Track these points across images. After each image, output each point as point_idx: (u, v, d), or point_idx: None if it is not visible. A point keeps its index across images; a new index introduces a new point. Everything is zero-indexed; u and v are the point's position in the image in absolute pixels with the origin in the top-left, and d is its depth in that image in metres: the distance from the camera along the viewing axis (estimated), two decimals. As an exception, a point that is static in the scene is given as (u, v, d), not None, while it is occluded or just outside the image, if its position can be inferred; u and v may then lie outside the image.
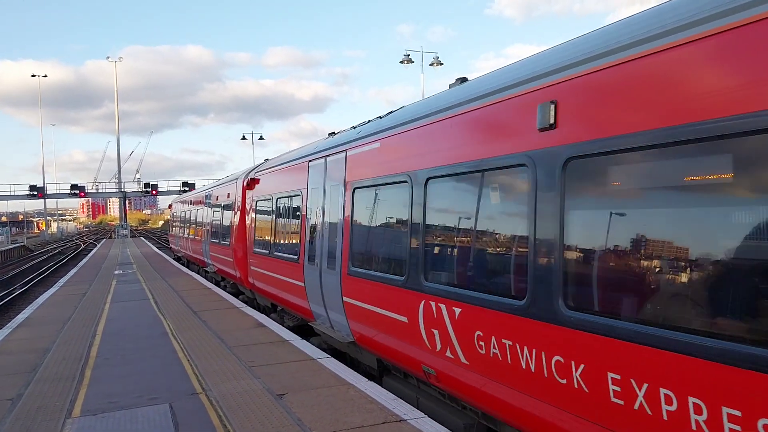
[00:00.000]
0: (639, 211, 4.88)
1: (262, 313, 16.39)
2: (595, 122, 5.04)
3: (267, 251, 15.64)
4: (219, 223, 22.92)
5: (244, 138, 78.91)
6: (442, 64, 44.37)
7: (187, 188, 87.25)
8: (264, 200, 16.51)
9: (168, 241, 60.93)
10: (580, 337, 4.98)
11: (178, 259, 37.99)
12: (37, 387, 9.06)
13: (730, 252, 4.07)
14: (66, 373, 9.76)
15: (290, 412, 7.47)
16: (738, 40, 3.89)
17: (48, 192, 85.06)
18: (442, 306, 7.17)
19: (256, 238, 17.05)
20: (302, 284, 12.59)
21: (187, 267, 32.04)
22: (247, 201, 18.51)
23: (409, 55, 42.54)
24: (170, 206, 49.73)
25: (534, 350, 5.63)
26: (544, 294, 5.46)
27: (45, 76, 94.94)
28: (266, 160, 19.56)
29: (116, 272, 28.80)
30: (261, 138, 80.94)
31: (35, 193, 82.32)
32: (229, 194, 21.14)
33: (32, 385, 9.18)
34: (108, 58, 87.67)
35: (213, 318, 14.56)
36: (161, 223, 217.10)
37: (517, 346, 5.88)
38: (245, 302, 18.05)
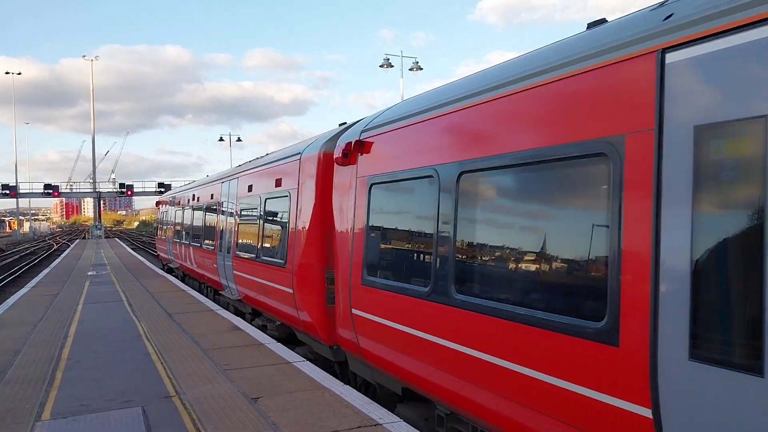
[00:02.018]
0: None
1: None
2: None
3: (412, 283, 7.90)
4: (255, 227, 14.53)
5: (221, 139, 78.57)
6: (421, 69, 44.55)
7: (163, 189, 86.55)
8: (388, 183, 8.41)
9: (150, 245, 59.88)
10: None
11: (169, 270, 30.57)
12: (6, 389, 8.88)
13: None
14: (36, 376, 9.59)
15: (265, 416, 7.42)
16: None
17: (21, 191, 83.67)
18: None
19: (380, 249, 8.63)
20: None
21: (183, 281, 25.69)
22: (341, 186, 9.79)
23: (389, 59, 42.68)
24: (158, 204, 38.45)
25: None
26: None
27: (19, 74, 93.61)
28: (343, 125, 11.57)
29: (90, 273, 28.43)
30: (239, 140, 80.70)
31: (7, 192, 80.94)
32: (280, 181, 12.87)
33: (1, 387, 9.00)
34: (84, 56, 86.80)
35: (188, 321, 14.42)
36: (136, 224, 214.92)
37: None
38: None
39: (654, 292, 4.19)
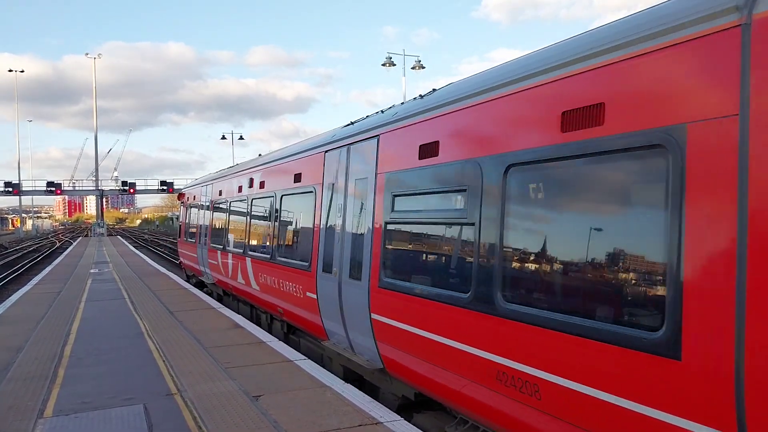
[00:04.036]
0: None
1: None
2: None
3: None
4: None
5: (223, 137, 78.75)
6: (423, 67, 44.63)
7: (165, 187, 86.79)
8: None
9: (153, 243, 59.03)
10: None
11: (199, 285, 22.86)
12: (8, 386, 8.92)
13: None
14: (39, 373, 9.63)
15: (266, 413, 7.44)
16: None
17: (23, 189, 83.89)
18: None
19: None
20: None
21: (220, 300, 19.12)
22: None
23: (391, 57, 42.70)
24: (181, 196, 28.75)
25: None
26: None
27: (22, 71, 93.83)
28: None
29: (92, 271, 28.47)
30: (241, 138, 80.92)
31: (10, 189, 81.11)
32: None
33: (3, 384, 9.04)
34: (87, 54, 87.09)
35: (189, 318, 14.45)
36: (138, 222, 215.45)
37: None
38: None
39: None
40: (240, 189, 16.70)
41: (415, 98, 8.56)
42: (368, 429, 6.84)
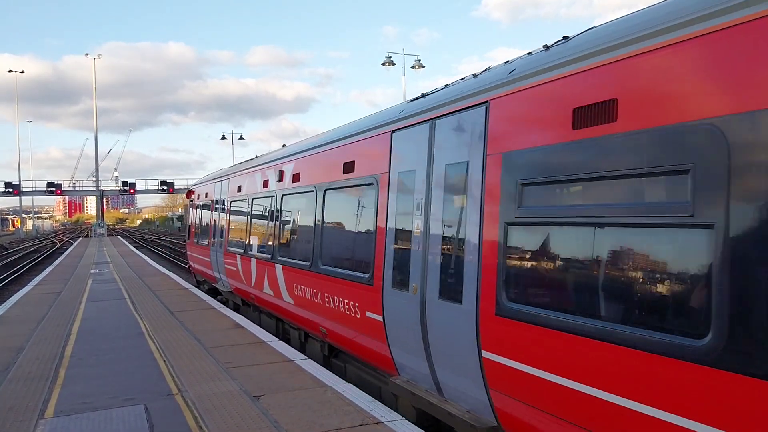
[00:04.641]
0: None
1: None
2: None
3: None
4: None
5: (223, 137, 78.81)
6: (423, 66, 44.59)
7: (165, 187, 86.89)
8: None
9: (153, 243, 58.57)
10: None
11: (212, 293, 20.53)
12: (9, 387, 8.92)
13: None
14: (39, 373, 9.62)
15: (267, 413, 7.44)
16: None
17: (24, 189, 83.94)
18: None
19: None
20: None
21: (237, 310, 17.17)
22: None
23: (390, 57, 42.69)
24: (190, 194, 26.17)
25: None
26: None
27: (22, 72, 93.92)
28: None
29: (92, 271, 28.48)
30: (241, 138, 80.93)
31: (11, 190, 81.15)
32: None
33: (4, 384, 9.04)
34: (87, 54, 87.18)
35: (190, 318, 14.45)
36: (139, 222, 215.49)
37: None
38: None
39: None
40: (266, 184, 14.24)
41: (531, 53, 6.50)
42: (369, 428, 6.83)
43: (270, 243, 13.50)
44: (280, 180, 13.02)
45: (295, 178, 12.13)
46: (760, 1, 3.76)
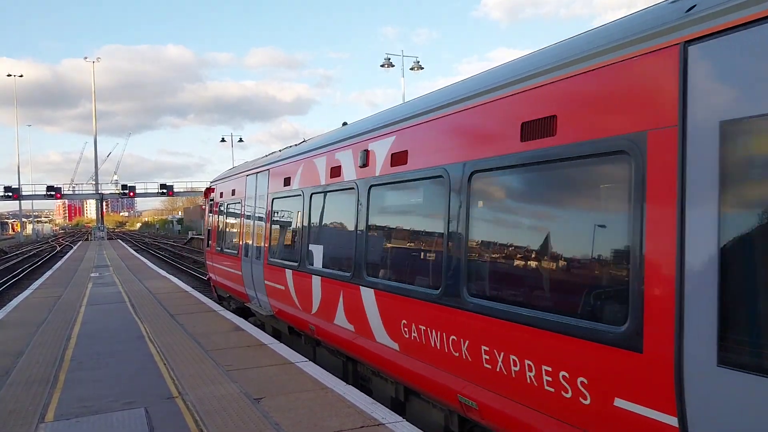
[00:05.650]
0: None
1: None
2: None
3: None
4: None
5: (223, 140, 78.90)
6: (422, 68, 44.59)
7: (165, 190, 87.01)
8: None
9: (153, 246, 57.98)
10: None
11: (242, 313, 16.89)
12: (9, 391, 8.90)
13: None
14: (39, 377, 9.60)
15: (268, 416, 7.42)
16: None
17: (23, 193, 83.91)
18: None
19: None
20: None
21: (278, 337, 13.31)
22: None
23: (389, 59, 42.71)
24: (209, 192, 21.59)
25: None
26: None
27: (21, 76, 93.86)
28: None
29: (92, 275, 28.46)
30: (240, 140, 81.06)
31: (10, 194, 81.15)
32: None
33: (4, 388, 9.02)
34: (86, 58, 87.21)
35: (190, 321, 14.43)
36: (138, 225, 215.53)
37: None
38: None
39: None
40: (335, 172, 10.20)
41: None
42: (370, 430, 6.82)
43: (349, 255, 9.40)
44: (365, 164, 9.11)
45: (398, 158, 8.15)
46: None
